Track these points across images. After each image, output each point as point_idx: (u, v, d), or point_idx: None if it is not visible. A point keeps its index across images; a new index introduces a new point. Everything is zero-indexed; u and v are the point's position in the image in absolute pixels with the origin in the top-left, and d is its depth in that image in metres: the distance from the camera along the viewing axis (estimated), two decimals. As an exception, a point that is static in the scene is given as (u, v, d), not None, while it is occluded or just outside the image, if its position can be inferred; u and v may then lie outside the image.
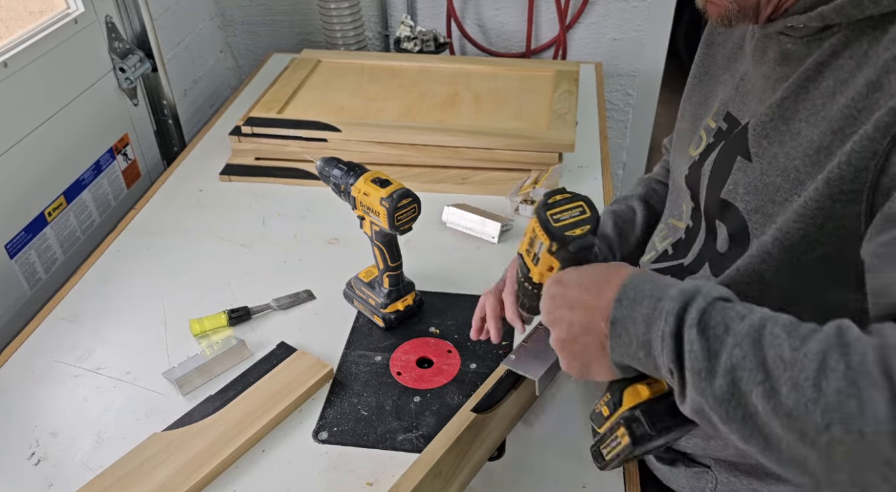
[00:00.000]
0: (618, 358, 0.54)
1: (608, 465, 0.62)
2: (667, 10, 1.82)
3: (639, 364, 0.53)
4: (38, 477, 0.80)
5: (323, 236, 1.17)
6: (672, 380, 0.50)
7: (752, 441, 0.45)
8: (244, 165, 1.36)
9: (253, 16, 1.96)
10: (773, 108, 0.58)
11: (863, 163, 0.49)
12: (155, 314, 1.02)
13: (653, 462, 0.78)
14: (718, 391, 0.45)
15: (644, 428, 0.56)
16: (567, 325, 0.57)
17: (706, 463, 0.71)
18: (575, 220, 0.61)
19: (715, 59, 0.73)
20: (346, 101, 1.45)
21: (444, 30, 1.91)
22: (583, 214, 0.62)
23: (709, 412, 0.47)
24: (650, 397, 0.56)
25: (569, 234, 0.60)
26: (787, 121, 0.57)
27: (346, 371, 0.92)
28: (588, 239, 0.61)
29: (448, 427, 0.72)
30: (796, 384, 0.41)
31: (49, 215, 1.19)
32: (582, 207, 0.63)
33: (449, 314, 1.00)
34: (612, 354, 0.54)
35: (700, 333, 0.47)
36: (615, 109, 2.03)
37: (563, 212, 0.62)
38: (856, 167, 0.50)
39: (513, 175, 1.30)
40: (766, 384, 0.43)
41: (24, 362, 0.95)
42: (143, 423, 0.85)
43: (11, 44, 1.11)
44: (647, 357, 0.51)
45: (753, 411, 0.44)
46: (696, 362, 0.47)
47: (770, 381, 0.43)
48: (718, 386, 0.45)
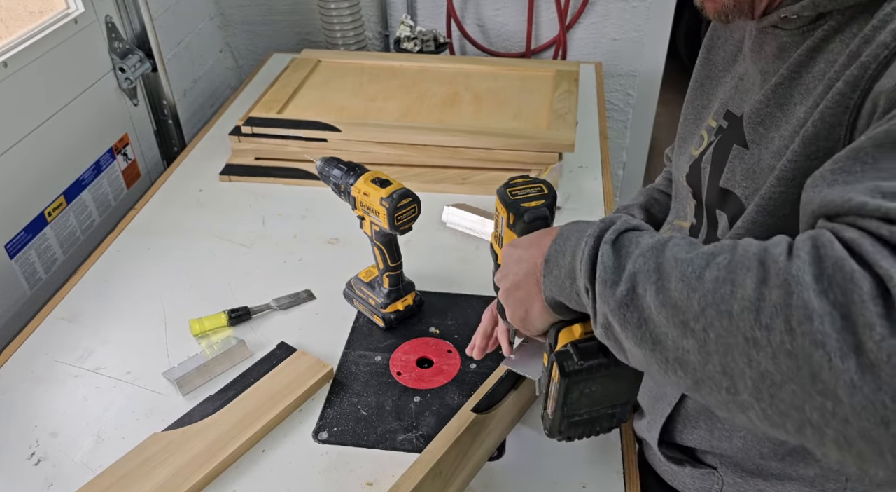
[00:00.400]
0: (549, 293, 0.57)
1: (553, 426, 0.63)
2: (667, 10, 1.82)
3: (566, 296, 0.55)
4: (38, 477, 0.80)
5: (323, 236, 1.17)
6: (587, 300, 0.51)
7: (644, 345, 0.45)
8: (244, 165, 1.36)
9: (253, 16, 1.96)
10: (768, 94, 0.59)
11: (835, 118, 0.50)
12: (155, 314, 1.02)
13: (658, 463, 0.78)
14: (619, 296, 0.47)
15: (573, 361, 0.58)
16: (512, 275, 0.61)
17: (712, 464, 0.71)
18: (531, 195, 0.67)
19: (715, 63, 0.73)
20: (346, 101, 1.45)
21: (444, 30, 1.91)
22: (540, 192, 0.68)
23: (612, 322, 0.48)
24: (582, 336, 0.59)
25: (524, 205, 0.66)
26: (781, 106, 0.58)
27: (346, 371, 0.92)
28: (542, 210, 0.66)
29: (448, 427, 0.72)
30: (683, 277, 0.43)
31: (49, 215, 1.19)
32: (540, 187, 0.69)
33: (449, 314, 1.00)
34: (544, 290, 0.57)
35: (612, 248, 0.49)
36: (615, 109, 2.03)
37: (521, 190, 0.68)
38: (829, 123, 0.51)
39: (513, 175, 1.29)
40: (658, 282, 0.44)
41: (24, 362, 0.95)
42: (143, 423, 0.85)
43: (11, 44, 1.11)
44: (572, 285, 0.53)
45: (648, 312, 0.45)
46: (604, 273, 0.48)
47: (662, 279, 0.44)
48: (620, 292, 0.47)
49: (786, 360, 0.37)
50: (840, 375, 0.35)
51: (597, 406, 0.63)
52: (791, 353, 0.37)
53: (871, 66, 0.48)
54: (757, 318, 0.38)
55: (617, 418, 0.66)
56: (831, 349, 0.35)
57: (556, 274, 0.55)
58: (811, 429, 0.37)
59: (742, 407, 0.41)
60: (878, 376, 0.34)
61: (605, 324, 0.49)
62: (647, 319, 0.45)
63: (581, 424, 0.65)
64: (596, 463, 0.80)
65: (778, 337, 0.37)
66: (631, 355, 0.48)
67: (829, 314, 0.36)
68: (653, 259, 0.46)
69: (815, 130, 0.51)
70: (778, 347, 0.37)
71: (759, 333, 0.38)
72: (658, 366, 0.45)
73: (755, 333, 0.38)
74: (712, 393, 0.42)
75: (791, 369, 0.37)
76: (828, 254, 0.38)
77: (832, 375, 0.35)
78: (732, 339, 0.40)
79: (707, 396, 0.43)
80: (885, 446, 0.35)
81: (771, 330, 0.38)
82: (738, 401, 0.41)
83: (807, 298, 0.37)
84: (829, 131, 0.51)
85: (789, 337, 0.37)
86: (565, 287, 0.54)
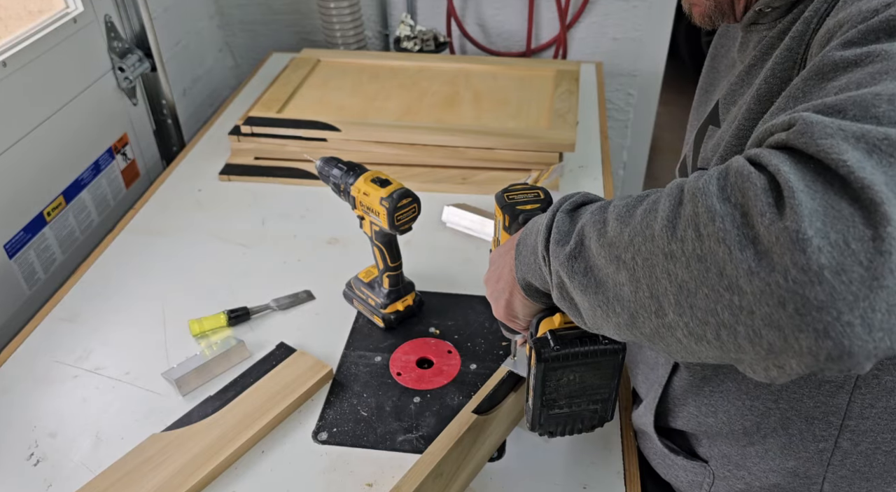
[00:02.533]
0: (520, 276, 0.60)
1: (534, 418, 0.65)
2: (667, 9, 1.81)
3: (532, 274, 0.57)
4: (37, 478, 0.79)
5: (323, 236, 1.17)
6: (545, 266, 0.54)
7: (588, 291, 0.48)
8: (244, 165, 1.35)
9: (252, 15, 1.95)
10: (741, 75, 0.61)
11: (784, 73, 0.53)
12: (154, 314, 1.02)
13: (653, 455, 0.79)
14: (568, 250, 0.50)
15: (549, 347, 0.60)
16: (495, 270, 0.65)
17: (704, 457, 0.72)
18: (527, 199, 0.70)
19: (718, 71, 0.75)
20: (346, 100, 1.45)
21: (444, 29, 1.91)
22: (536, 197, 0.70)
23: (563, 279, 0.51)
24: (561, 325, 0.61)
25: (519, 208, 0.68)
26: (749, 84, 0.60)
27: (345, 372, 0.91)
28: (536, 213, 0.67)
29: (449, 428, 0.72)
30: (618, 217, 0.46)
31: (48, 215, 1.19)
32: (537, 192, 0.71)
33: (449, 314, 1.00)
34: (517, 272, 0.60)
35: (567, 215, 0.53)
36: (616, 109, 2.03)
37: (518, 194, 0.71)
38: (779, 78, 0.53)
39: (513, 175, 1.29)
40: (600, 229, 0.48)
41: (24, 363, 0.95)
42: (142, 423, 0.85)
43: (10, 43, 1.11)
44: (535, 260, 0.56)
45: (592, 259, 0.48)
46: (557, 234, 0.52)
47: (604, 225, 0.48)
48: (569, 246, 0.50)
49: (696, 264, 0.40)
50: (739, 264, 0.38)
51: (576, 399, 0.64)
52: (700, 257, 0.40)
53: (814, 20, 0.51)
54: (673, 232, 0.41)
55: (599, 415, 0.67)
56: (731, 243, 0.38)
57: (524, 255, 0.58)
58: (726, 331, 0.40)
59: (671, 329, 0.43)
60: (771, 259, 0.37)
61: (560, 284, 0.52)
62: (592, 265, 0.48)
63: (561, 418, 0.66)
64: (596, 464, 0.79)
65: (690, 246, 0.40)
66: (583, 311, 0.51)
67: (730, 214, 0.39)
68: (599, 213, 0.49)
69: (768, 87, 0.54)
70: (690, 254, 0.40)
71: (675, 246, 0.41)
72: (601, 311, 0.48)
73: (672, 247, 0.41)
74: (646, 323, 0.44)
75: (701, 271, 0.40)
76: (731, 166, 0.41)
77: (734, 267, 0.38)
78: (655, 259, 0.42)
79: (642, 327, 0.45)
80: (787, 329, 0.37)
81: (684, 240, 0.41)
82: (666, 323, 0.43)
83: (710, 203, 0.40)
84: (779, 86, 0.54)
85: (699, 243, 0.40)
86: (531, 264, 0.57)
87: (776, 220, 0.37)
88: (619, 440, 0.82)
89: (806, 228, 0.35)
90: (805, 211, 0.36)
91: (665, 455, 0.77)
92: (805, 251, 0.35)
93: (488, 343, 0.95)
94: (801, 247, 0.35)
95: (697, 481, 0.73)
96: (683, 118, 0.94)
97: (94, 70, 1.31)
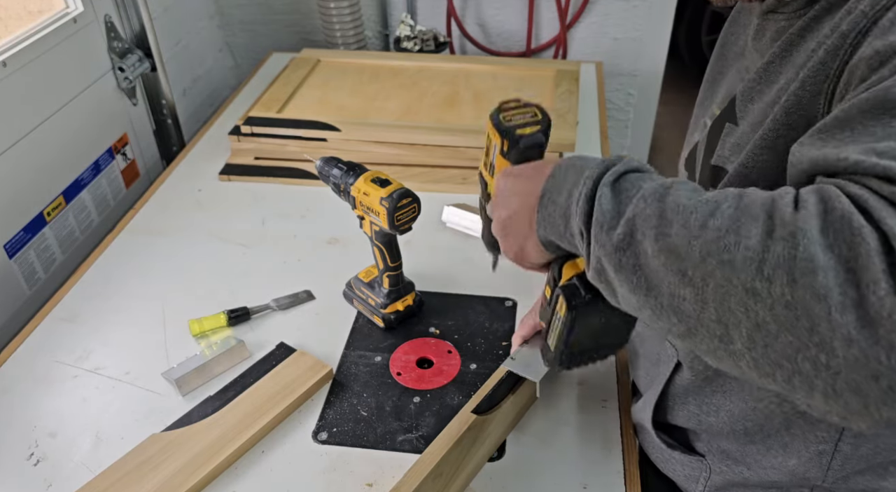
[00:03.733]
0: (541, 232, 0.56)
1: (555, 357, 0.63)
2: (667, 9, 1.81)
3: (557, 236, 0.54)
4: (37, 478, 0.79)
5: (323, 236, 1.17)
6: (581, 243, 0.50)
7: (638, 291, 0.45)
8: (244, 165, 1.35)
9: (252, 15, 1.95)
10: (760, 72, 0.59)
11: (816, 87, 0.50)
12: (154, 314, 1.02)
13: (652, 449, 0.79)
14: (616, 239, 0.46)
15: (580, 294, 0.57)
16: (506, 208, 0.59)
17: (701, 451, 0.72)
18: (526, 121, 0.63)
19: (727, 58, 0.74)
20: (346, 100, 1.45)
21: (444, 29, 1.91)
22: (534, 117, 0.64)
23: (606, 266, 0.47)
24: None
25: (519, 132, 0.62)
26: (771, 83, 0.58)
27: (345, 372, 0.91)
28: (538, 137, 0.62)
29: (449, 428, 0.72)
30: (685, 224, 0.42)
31: (48, 215, 1.19)
32: (534, 111, 0.64)
33: (449, 314, 1.00)
34: (538, 228, 0.56)
35: (612, 191, 0.48)
36: (616, 109, 2.03)
37: (515, 114, 0.64)
38: (810, 92, 0.51)
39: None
40: (659, 228, 0.43)
41: (24, 363, 0.95)
42: (142, 423, 0.85)
43: (10, 43, 1.11)
44: (566, 226, 0.52)
45: (644, 258, 0.44)
46: (601, 216, 0.47)
47: (663, 225, 0.43)
48: (617, 235, 0.46)
49: (784, 311, 0.37)
50: (838, 328, 0.35)
51: (599, 337, 0.63)
52: (790, 304, 0.37)
53: (851, 35, 0.48)
54: (759, 269, 0.38)
55: (617, 345, 0.67)
56: (833, 303, 0.36)
57: (550, 211, 0.54)
58: (800, 379, 0.38)
59: (734, 356, 0.41)
60: (876, 332, 0.35)
61: (599, 268, 0.49)
62: (644, 264, 0.44)
63: (583, 355, 0.65)
64: (596, 464, 0.79)
65: (779, 289, 0.37)
66: (623, 300, 0.48)
67: (834, 269, 0.36)
68: (654, 204, 0.44)
69: (797, 99, 0.52)
70: (778, 298, 0.37)
71: (760, 285, 0.38)
72: (651, 312, 0.45)
73: (755, 284, 0.38)
74: (705, 341, 0.42)
75: (789, 320, 0.37)
76: (835, 207, 0.38)
77: (830, 327, 0.36)
78: (732, 289, 0.39)
79: (699, 344, 0.43)
80: (872, 400, 0.36)
81: (772, 282, 0.38)
82: (731, 350, 0.41)
83: (813, 251, 0.37)
84: (809, 100, 0.51)
85: (790, 289, 0.37)
86: (558, 227, 0.53)
87: (891, 293, 0.34)
88: (619, 440, 0.82)
89: None
90: None
91: (662, 450, 0.77)
92: None
93: (488, 343, 0.95)
94: None
95: (694, 476, 0.73)
96: (683, 118, 0.94)
97: (94, 70, 1.31)
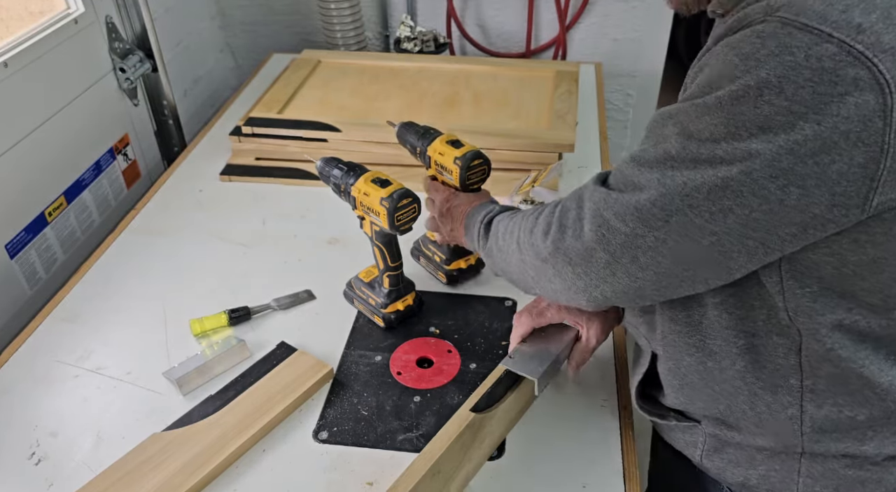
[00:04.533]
0: (468, 241, 0.90)
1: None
2: (666, 10, 1.82)
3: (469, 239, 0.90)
4: (38, 477, 0.80)
5: (323, 236, 1.17)
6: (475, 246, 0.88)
7: (491, 266, 0.84)
8: (244, 165, 1.36)
9: (253, 16, 1.96)
10: (689, 78, 0.63)
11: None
12: (155, 314, 1.02)
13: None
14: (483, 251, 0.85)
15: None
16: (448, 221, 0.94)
17: (696, 418, 0.74)
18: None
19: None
20: (347, 101, 1.45)
21: (444, 30, 1.91)
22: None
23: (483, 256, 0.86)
24: None
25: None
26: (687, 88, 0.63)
27: (346, 371, 0.92)
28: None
29: (447, 426, 0.72)
30: (498, 248, 0.81)
31: (49, 215, 1.19)
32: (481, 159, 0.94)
33: (449, 314, 1.00)
34: (465, 238, 0.90)
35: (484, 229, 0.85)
36: (615, 110, 2.03)
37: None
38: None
39: (513, 175, 1.30)
40: (490, 249, 0.83)
41: (25, 362, 0.95)
42: (143, 423, 0.85)
43: (12, 44, 1.11)
44: (472, 243, 0.89)
45: (489, 258, 0.84)
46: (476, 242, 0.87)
47: (493, 250, 0.82)
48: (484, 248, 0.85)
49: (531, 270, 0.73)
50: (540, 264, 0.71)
51: None
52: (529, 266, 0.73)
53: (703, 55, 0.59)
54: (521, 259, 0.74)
55: None
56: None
57: (469, 235, 0.89)
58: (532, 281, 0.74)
59: (527, 287, 0.77)
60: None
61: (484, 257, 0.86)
62: (493, 263, 0.83)
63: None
64: (596, 463, 0.80)
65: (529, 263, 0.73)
66: (489, 265, 0.86)
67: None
68: (491, 239, 0.82)
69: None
70: (528, 265, 0.73)
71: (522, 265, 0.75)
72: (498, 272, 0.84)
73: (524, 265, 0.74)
74: (518, 285, 0.79)
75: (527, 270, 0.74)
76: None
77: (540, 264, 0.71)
78: (521, 270, 0.75)
79: (514, 283, 0.80)
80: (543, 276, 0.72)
81: (525, 262, 0.73)
82: (525, 286, 0.77)
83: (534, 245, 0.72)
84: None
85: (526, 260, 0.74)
86: (472, 234, 0.88)
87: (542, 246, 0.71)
88: (618, 439, 0.82)
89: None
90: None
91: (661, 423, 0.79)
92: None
93: (488, 343, 0.95)
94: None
95: (692, 441, 0.75)
96: (682, 119, 0.94)
97: (95, 71, 1.31)
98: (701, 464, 0.75)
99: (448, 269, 1.04)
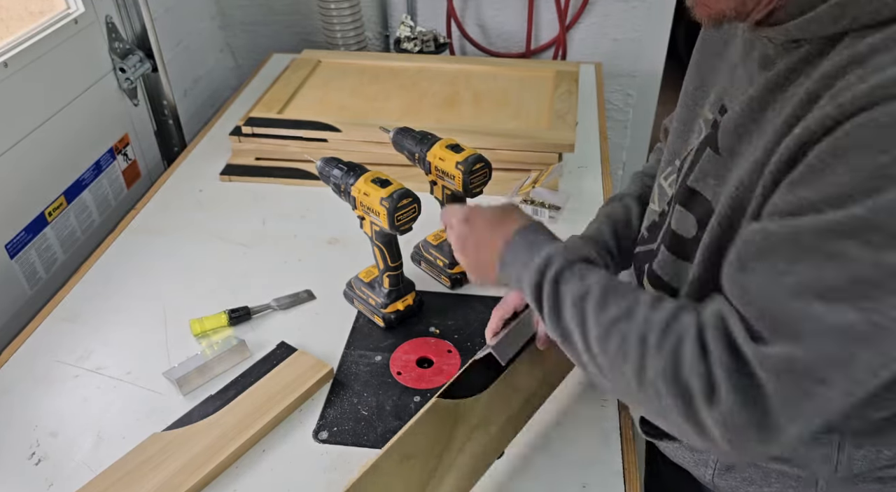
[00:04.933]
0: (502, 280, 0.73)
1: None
2: (667, 10, 1.82)
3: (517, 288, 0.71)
4: (38, 477, 0.80)
5: (323, 236, 1.17)
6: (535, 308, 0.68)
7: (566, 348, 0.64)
8: (244, 165, 1.36)
9: (253, 16, 1.96)
10: (744, 107, 0.60)
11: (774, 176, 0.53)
12: (155, 314, 1.02)
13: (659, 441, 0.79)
14: (558, 332, 0.64)
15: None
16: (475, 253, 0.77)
17: None
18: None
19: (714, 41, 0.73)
20: (347, 101, 1.45)
21: (444, 30, 1.91)
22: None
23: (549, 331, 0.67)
24: None
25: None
26: (753, 121, 0.59)
27: (346, 371, 0.92)
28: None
29: None
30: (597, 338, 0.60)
31: (49, 215, 1.19)
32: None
33: (449, 314, 1.00)
34: (500, 277, 0.73)
35: (552, 289, 0.65)
36: (615, 110, 2.03)
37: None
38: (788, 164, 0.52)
39: (513, 175, 1.30)
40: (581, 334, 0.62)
41: (25, 362, 0.95)
42: (143, 423, 0.85)
43: (11, 44, 1.11)
44: (521, 288, 0.69)
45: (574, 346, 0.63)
46: (546, 311, 0.65)
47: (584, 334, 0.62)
48: (558, 331, 0.64)
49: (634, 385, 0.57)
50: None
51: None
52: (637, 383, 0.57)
53: (810, 142, 0.50)
54: (640, 384, 0.57)
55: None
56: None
57: (508, 274, 0.71)
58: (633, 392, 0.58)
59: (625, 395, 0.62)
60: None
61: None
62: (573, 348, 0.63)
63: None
64: (596, 463, 0.80)
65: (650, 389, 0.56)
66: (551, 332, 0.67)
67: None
68: (578, 316, 0.62)
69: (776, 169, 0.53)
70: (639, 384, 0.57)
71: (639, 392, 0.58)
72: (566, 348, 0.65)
73: (630, 379, 0.57)
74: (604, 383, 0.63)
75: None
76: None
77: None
78: (620, 376, 0.58)
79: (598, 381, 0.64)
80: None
81: (642, 385, 0.56)
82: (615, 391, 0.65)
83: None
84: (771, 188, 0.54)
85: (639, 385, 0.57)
86: (516, 283, 0.70)
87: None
88: (618, 440, 0.82)
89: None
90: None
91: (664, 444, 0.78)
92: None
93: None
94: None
95: (703, 460, 0.74)
96: (682, 119, 0.93)
97: (95, 71, 1.31)
98: (711, 482, 0.74)
99: (451, 273, 1.04)
